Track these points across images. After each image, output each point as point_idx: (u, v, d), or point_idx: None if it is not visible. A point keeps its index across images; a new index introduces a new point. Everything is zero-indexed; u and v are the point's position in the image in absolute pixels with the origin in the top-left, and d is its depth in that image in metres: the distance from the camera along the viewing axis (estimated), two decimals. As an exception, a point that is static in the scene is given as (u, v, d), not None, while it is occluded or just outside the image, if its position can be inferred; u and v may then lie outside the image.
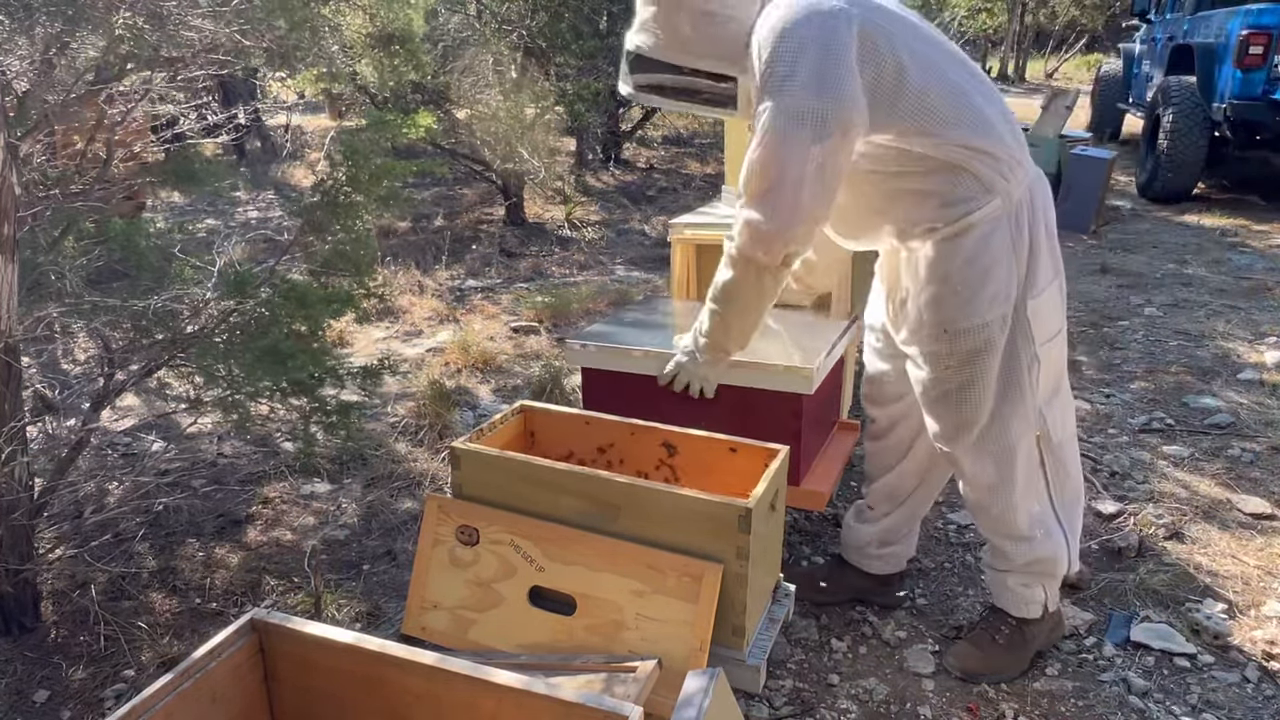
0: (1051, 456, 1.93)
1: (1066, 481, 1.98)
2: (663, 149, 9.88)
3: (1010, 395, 1.83)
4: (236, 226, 6.60)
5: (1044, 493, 1.95)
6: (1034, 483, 1.93)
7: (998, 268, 1.75)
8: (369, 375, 2.57)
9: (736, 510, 1.59)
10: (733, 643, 1.68)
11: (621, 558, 1.72)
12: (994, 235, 1.74)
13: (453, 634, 1.78)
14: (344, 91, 6.85)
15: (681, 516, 1.65)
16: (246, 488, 2.89)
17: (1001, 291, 1.76)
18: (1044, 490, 1.95)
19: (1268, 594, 2.29)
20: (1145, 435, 3.18)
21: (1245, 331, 4.20)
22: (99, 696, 2.00)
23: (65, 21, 1.96)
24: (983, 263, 1.75)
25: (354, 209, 2.47)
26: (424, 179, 8.05)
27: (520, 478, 1.78)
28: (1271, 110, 6.30)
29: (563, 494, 1.75)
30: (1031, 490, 1.93)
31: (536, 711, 1.26)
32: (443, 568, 1.83)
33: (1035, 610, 2.02)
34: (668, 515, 1.66)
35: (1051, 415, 1.89)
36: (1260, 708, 1.93)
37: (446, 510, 1.85)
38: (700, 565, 1.68)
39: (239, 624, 1.41)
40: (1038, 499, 1.95)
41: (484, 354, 3.95)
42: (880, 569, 2.24)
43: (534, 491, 1.78)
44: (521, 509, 1.79)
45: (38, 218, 2.24)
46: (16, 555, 2.08)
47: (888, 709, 1.95)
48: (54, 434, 2.34)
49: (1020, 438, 1.87)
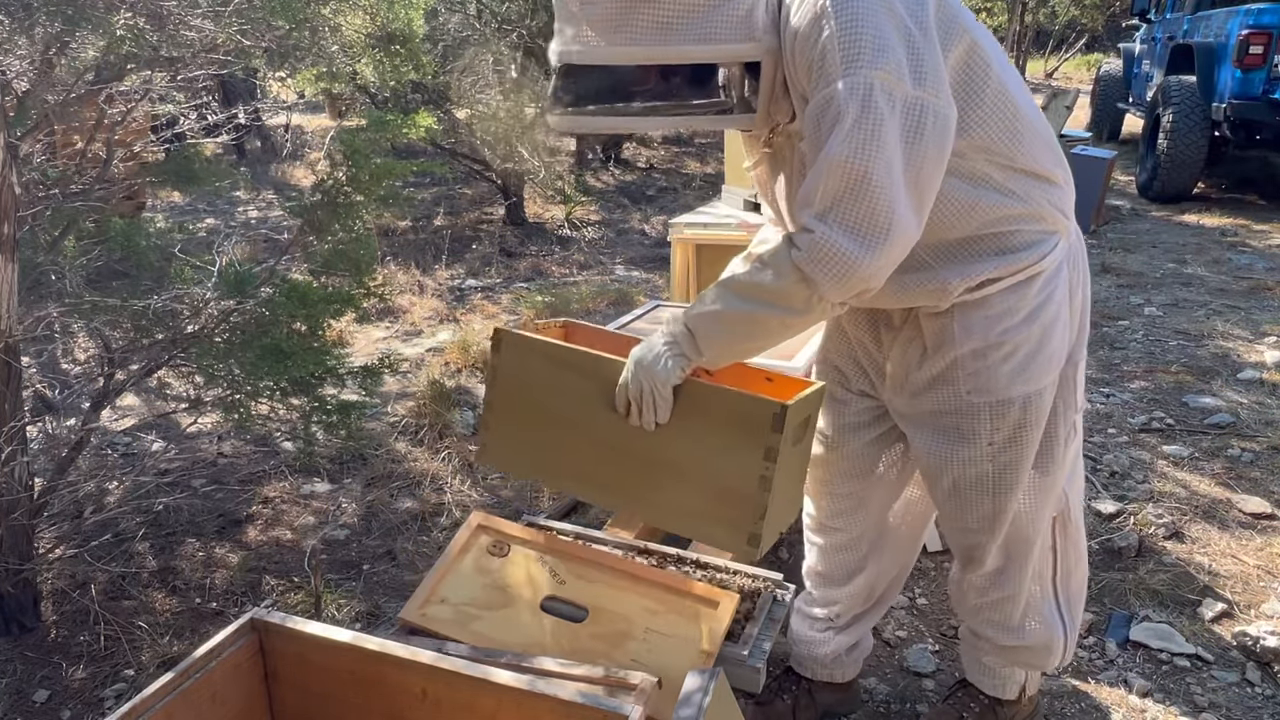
0: (1065, 539, 1.66)
1: (1076, 567, 1.71)
2: (663, 149, 9.88)
3: (1046, 474, 1.55)
4: (236, 226, 6.60)
5: (1049, 579, 1.68)
6: (1043, 571, 1.67)
7: (1058, 323, 1.46)
8: (369, 375, 2.57)
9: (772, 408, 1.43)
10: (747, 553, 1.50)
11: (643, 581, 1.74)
12: (1056, 284, 1.45)
13: (454, 626, 1.78)
14: (344, 91, 6.84)
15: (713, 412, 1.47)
16: (246, 487, 2.89)
17: (1059, 351, 1.48)
18: (1050, 576, 1.68)
19: (1268, 594, 2.29)
20: (1145, 435, 3.18)
21: (1245, 331, 4.20)
22: (99, 696, 2.01)
23: (65, 21, 1.96)
24: (1044, 318, 1.44)
25: (354, 209, 2.47)
26: (424, 179, 8.05)
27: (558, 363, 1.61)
28: (1271, 110, 6.30)
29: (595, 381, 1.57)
30: (1039, 579, 1.68)
31: (536, 711, 1.26)
32: (464, 571, 1.85)
33: (1011, 691, 1.78)
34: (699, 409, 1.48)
35: (1073, 493, 1.64)
36: (1260, 708, 1.93)
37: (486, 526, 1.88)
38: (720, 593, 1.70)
39: (239, 624, 1.41)
40: (1040, 584, 1.68)
41: (484, 354, 3.95)
42: (851, 674, 1.92)
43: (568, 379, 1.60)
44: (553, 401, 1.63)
45: (38, 218, 2.24)
46: (16, 555, 2.08)
47: (888, 709, 1.95)
48: (54, 434, 2.34)
49: (1044, 522, 1.61)
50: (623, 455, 1.55)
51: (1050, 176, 1.41)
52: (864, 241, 1.24)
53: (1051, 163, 1.41)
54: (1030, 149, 1.37)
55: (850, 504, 1.74)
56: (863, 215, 1.24)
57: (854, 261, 1.25)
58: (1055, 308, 1.45)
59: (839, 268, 1.26)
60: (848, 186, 1.23)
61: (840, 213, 1.24)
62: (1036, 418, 1.49)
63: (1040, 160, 1.39)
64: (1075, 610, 1.73)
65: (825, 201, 1.25)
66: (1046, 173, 1.40)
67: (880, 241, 1.24)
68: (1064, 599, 1.70)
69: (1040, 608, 1.69)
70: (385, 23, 3.79)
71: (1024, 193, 1.38)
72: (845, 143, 1.21)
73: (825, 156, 1.23)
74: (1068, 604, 1.71)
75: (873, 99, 1.20)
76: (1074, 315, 1.50)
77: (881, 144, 1.21)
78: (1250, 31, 6.32)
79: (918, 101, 1.21)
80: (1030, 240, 1.41)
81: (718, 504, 1.49)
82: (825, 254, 1.26)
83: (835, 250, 1.25)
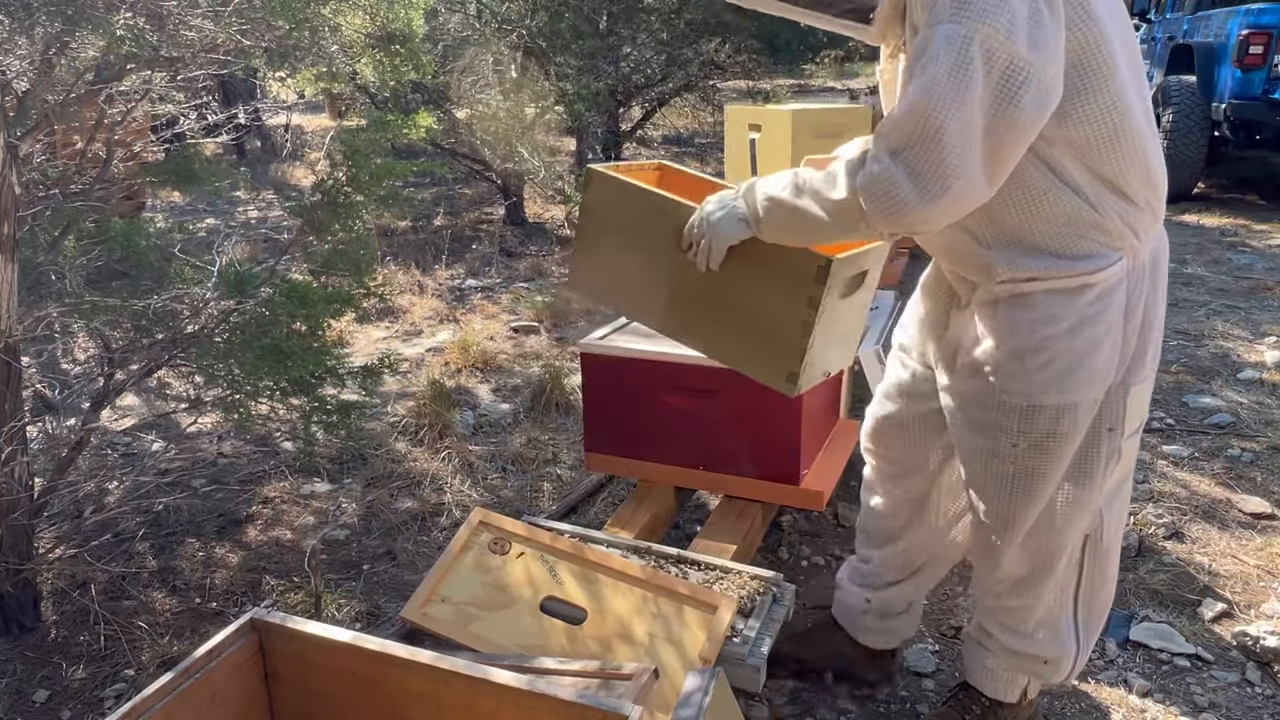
0: (1094, 560, 1.63)
1: (1101, 589, 1.68)
2: (663, 148, 9.87)
3: (1079, 491, 1.53)
4: (236, 226, 6.60)
5: (1070, 596, 1.66)
6: (1065, 586, 1.65)
7: (1106, 342, 1.43)
8: (369, 375, 2.57)
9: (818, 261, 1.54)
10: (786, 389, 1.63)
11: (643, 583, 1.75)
12: (1111, 302, 1.42)
13: (454, 626, 1.78)
14: (344, 91, 6.84)
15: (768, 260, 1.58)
16: (246, 487, 2.89)
17: (1102, 370, 1.45)
18: (1072, 593, 1.66)
19: (1268, 594, 2.29)
20: (1145, 435, 3.18)
21: (1245, 331, 4.20)
22: (99, 696, 2.01)
23: (65, 21, 1.96)
24: (1092, 333, 1.42)
25: (354, 209, 2.47)
26: (424, 179, 8.05)
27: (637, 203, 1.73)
28: (1271, 110, 6.30)
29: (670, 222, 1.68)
30: (1060, 593, 1.65)
31: (536, 711, 1.26)
32: (465, 570, 1.85)
33: (1013, 694, 1.76)
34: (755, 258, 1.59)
35: (1110, 516, 1.60)
36: (1260, 708, 1.93)
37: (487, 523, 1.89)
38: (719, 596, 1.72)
39: (239, 624, 1.41)
40: (1060, 599, 1.66)
41: (484, 354, 3.95)
42: (874, 642, 1.94)
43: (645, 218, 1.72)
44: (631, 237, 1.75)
45: (38, 218, 2.24)
46: (16, 555, 2.08)
47: (888, 709, 1.95)
48: (54, 434, 2.34)
49: (1070, 537, 1.58)
50: (685, 291, 1.68)
51: (1131, 195, 1.39)
52: (923, 190, 1.26)
53: (1139, 183, 1.39)
54: (1122, 163, 1.36)
55: (897, 470, 1.79)
56: (929, 165, 1.24)
57: (908, 205, 1.27)
58: (1105, 325, 1.43)
59: (893, 206, 1.29)
60: (921, 133, 1.24)
61: (909, 156, 1.26)
62: (1068, 430, 1.47)
63: (1127, 176, 1.37)
64: (1093, 630, 1.71)
65: (898, 140, 1.27)
66: (1129, 190, 1.38)
67: (939, 195, 1.25)
68: (1083, 618, 1.68)
69: (1057, 621, 1.67)
70: (385, 23, 3.79)
71: (1097, 200, 1.37)
72: (929, 90, 1.22)
73: (909, 97, 1.25)
74: (1086, 623, 1.69)
75: (969, 53, 1.19)
76: (1129, 337, 1.46)
77: (964, 102, 1.20)
78: (1250, 31, 6.32)
79: (1024, 65, 1.20)
80: (1090, 251, 1.40)
81: (764, 343, 1.62)
82: (884, 189, 1.29)
83: (894, 189, 1.27)
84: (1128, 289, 1.44)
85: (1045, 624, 1.66)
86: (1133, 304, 1.45)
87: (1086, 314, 1.42)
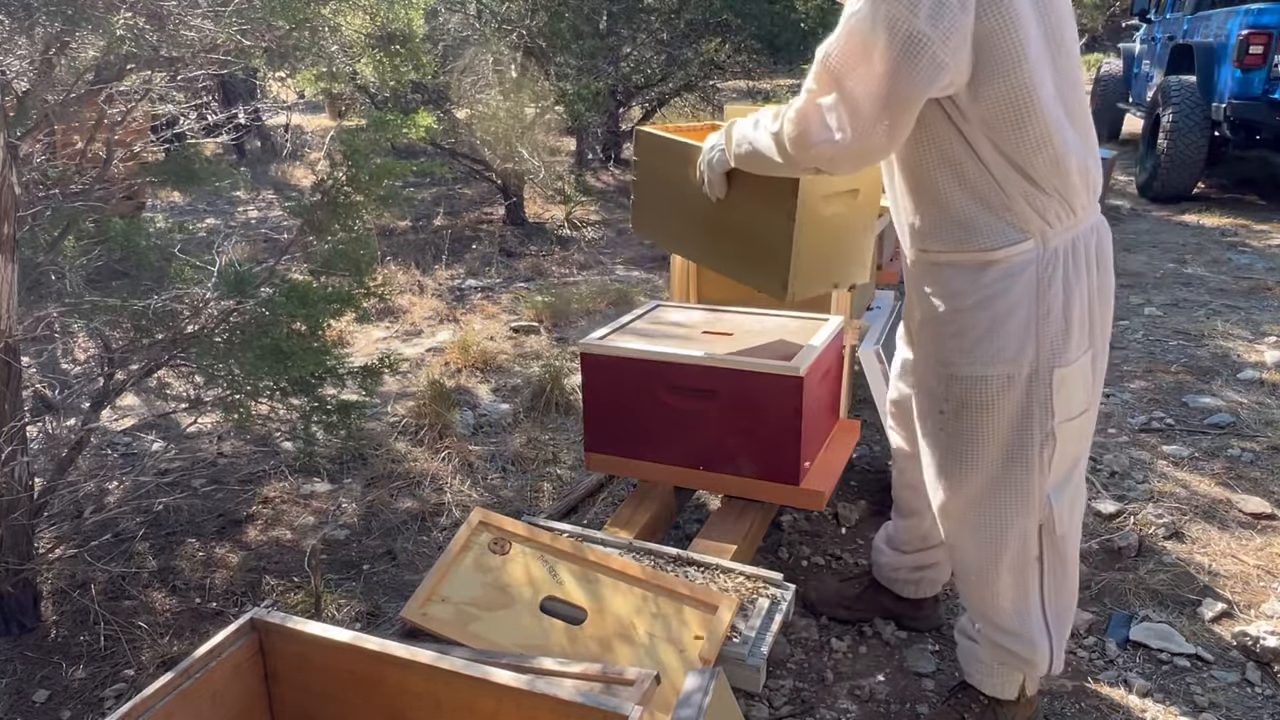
0: (1052, 550, 1.67)
1: (1064, 581, 1.72)
2: (663, 149, 9.87)
3: (1012, 470, 1.59)
4: (236, 226, 6.60)
5: (1035, 591, 1.69)
6: (1027, 578, 1.68)
7: (1011, 320, 1.52)
8: (369, 375, 2.57)
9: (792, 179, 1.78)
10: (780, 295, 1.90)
11: (642, 583, 1.77)
12: (1015, 282, 1.51)
13: (454, 626, 1.78)
14: (344, 91, 6.85)
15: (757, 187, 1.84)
16: (246, 487, 2.89)
17: (1010, 348, 1.53)
18: (1036, 587, 1.69)
19: (1268, 594, 2.29)
20: (1145, 435, 3.18)
21: (1245, 331, 4.20)
22: (99, 696, 2.01)
23: (65, 21, 1.96)
24: (994, 310, 1.52)
25: (354, 209, 2.47)
26: (424, 179, 8.05)
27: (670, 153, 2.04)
28: (1271, 110, 6.30)
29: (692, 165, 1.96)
30: (1021, 585, 1.69)
31: (536, 711, 1.26)
32: (465, 570, 1.85)
33: (1011, 691, 1.78)
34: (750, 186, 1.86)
35: (1060, 504, 1.63)
36: (1260, 708, 1.93)
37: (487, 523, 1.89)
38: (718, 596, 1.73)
39: (239, 624, 1.41)
40: (1026, 595, 1.69)
41: (484, 353, 3.95)
42: (914, 593, 2.11)
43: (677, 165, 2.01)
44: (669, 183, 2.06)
45: (38, 218, 2.24)
46: (16, 555, 2.08)
47: (888, 709, 1.95)
48: (54, 434, 2.34)
49: (1014, 520, 1.63)
50: (705, 221, 2.01)
51: (1038, 180, 1.46)
52: (824, 129, 1.48)
53: (1046, 169, 1.46)
54: (1026, 147, 1.44)
55: (914, 449, 1.88)
56: (835, 109, 1.45)
57: (815, 140, 1.50)
58: (1008, 304, 1.51)
59: (803, 138, 1.52)
60: (827, 83, 1.45)
61: (820, 97, 1.47)
62: (983, 402, 1.57)
63: (1033, 160, 1.45)
64: (1064, 623, 1.75)
65: (812, 82, 1.48)
66: (1035, 175, 1.46)
67: (837, 138, 1.46)
68: (1052, 612, 1.72)
69: (1027, 616, 1.70)
70: (385, 23, 3.79)
71: (1003, 179, 1.47)
72: (843, 47, 1.42)
73: (827, 47, 1.44)
74: (1056, 617, 1.72)
75: (877, 23, 1.36)
76: (1045, 320, 1.52)
77: (867, 61, 1.38)
78: (1250, 31, 6.32)
79: (921, 37, 1.33)
80: (994, 229, 1.50)
81: (763, 256, 1.92)
82: (799, 122, 1.52)
83: (806, 124, 1.51)
84: (1037, 272, 1.51)
85: (1016, 616, 1.71)
86: (1045, 288, 1.51)
87: (989, 291, 1.52)
